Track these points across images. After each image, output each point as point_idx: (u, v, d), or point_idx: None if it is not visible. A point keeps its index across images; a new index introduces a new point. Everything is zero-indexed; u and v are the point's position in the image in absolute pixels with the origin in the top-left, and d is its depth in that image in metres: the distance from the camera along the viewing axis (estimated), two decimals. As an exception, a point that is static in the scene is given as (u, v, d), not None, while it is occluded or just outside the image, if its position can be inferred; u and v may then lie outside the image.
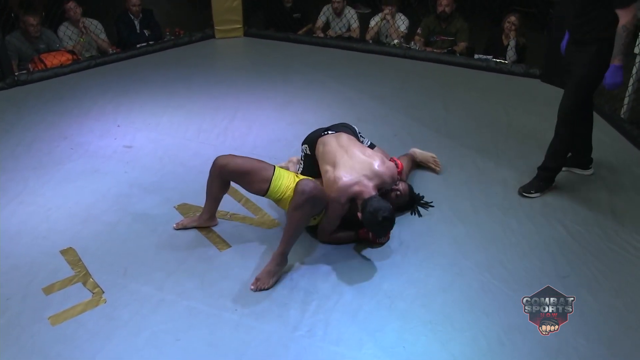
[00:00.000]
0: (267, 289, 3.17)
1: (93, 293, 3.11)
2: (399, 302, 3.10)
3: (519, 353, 2.80)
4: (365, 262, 3.41)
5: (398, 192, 3.70)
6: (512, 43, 6.34)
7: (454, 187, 4.15)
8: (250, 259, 3.39)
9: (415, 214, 3.83)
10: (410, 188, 3.83)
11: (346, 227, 3.55)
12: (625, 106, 5.12)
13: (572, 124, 3.90)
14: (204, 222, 3.63)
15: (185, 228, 3.63)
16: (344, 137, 3.63)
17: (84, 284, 3.18)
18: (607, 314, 3.04)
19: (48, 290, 3.14)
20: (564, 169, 4.27)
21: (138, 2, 6.77)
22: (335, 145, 3.55)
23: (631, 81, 5.04)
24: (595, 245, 3.57)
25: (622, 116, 5.11)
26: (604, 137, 4.88)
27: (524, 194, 4.06)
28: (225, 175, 3.48)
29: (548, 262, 3.42)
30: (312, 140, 3.71)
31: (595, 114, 5.15)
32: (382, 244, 3.57)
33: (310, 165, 3.69)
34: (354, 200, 3.37)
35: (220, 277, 3.25)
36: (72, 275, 3.24)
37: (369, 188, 3.34)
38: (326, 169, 3.46)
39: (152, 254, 3.42)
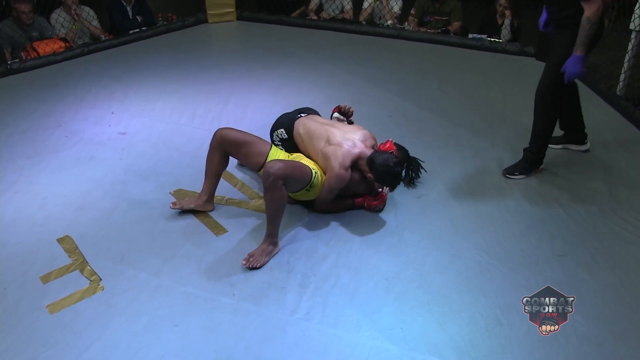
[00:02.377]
0: (258, 268, 3.19)
1: (90, 280, 3.10)
2: (396, 283, 3.11)
3: (516, 333, 2.80)
4: (362, 244, 3.41)
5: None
6: (507, 22, 6.32)
7: (450, 167, 4.15)
8: (247, 244, 3.38)
9: (412, 184, 3.84)
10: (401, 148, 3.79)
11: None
12: (621, 83, 5.10)
13: (549, 104, 3.89)
14: (202, 204, 3.62)
15: (182, 209, 3.62)
16: (319, 117, 3.82)
17: (82, 271, 3.17)
18: (605, 292, 3.05)
19: (45, 278, 3.13)
20: (560, 146, 4.30)
21: (130, -12, 6.73)
22: (318, 124, 3.69)
23: (627, 58, 5.03)
24: (592, 223, 3.57)
25: (618, 93, 5.10)
26: (600, 115, 4.89)
27: (507, 175, 4.06)
28: (225, 146, 3.53)
29: (545, 241, 3.42)
30: (288, 124, 3.78)
31: (591, 91, 5.20)
32: (378, 210, 3.65)
33: (289, 148, 3.78)
34: (356, 163, 3.54)
35: (217, 262, 3.24)
36: (69, 263, 3.23)
37: (367, 148, 3.56)
38: (320, 144, 3.57)
39: (148, 240, 3.41)
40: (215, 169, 3.59)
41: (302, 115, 3.84)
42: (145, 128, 4.70)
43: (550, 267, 3.20)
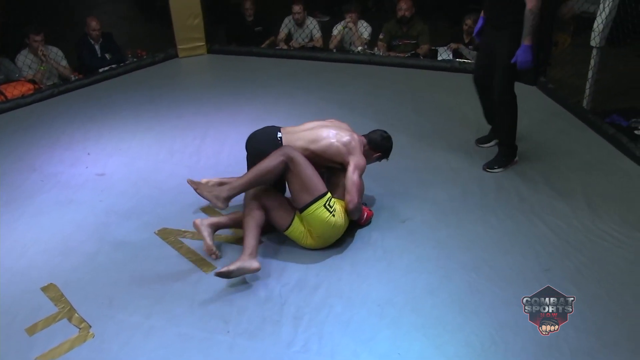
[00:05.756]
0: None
1: (80, 328, 3.05)
2: (389, 308, 3.12)
3: (512, 350, 2.84)
4: (352, 272, 3.42)
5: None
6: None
7: (432, 189, 4.20)
8: (236, 279, 3.36)
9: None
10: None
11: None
12: (586, 98, 5.22)
13: (508, 103, 4.27)
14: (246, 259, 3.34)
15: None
16: (295, 127, 3.81)
17: (69, 319, 3.11)
18: (592, 304, 3.10)
19: (31, 330, 3.06)
20: (492, 143, 4.70)
21: (98, 26, 6.68)
22: (306, 130, 3.75)
23: (590, 73, 5.15)
24: (575, 237, 3.64)
25: (585, 107, 5.21)
26: (571, 129, 5.03)
27: (488, 169, 4.38)
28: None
29: (530, 257, 3.47)
30: (275, 145, 3.60)
31: (560, 107, 5.31)
32: (368, 223, 3.82)
33: None
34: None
35: (208, 299, 3.22)
36: (55, 312, 3.17)
37: (356, 134, 3.80)
38: (327, 142, 3.66)
39: (136, 282, 3.38)
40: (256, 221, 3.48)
41: (278, 132, 3.71)
42: (123, 167, 4.66)
43: (539, 282, 3.23)
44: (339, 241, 3.62)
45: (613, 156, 4.59)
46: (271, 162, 3.42)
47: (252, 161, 3.69)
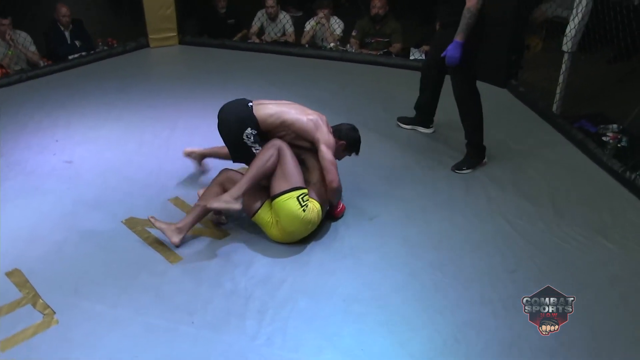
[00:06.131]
0: (209, 209, 3.47)
1: (44, 314, 3.02)
2: (355, 305, 3.14)
3: (474, 349, 2.88)
4: (319, 268, 3.43)
5: None
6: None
7: (401, 187, 4.23)
8: (203, 271, 3.36)
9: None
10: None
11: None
12: (556, 102, 5.30)
13: (469, 100, 4.37)
14: (174, 231, 3.55)
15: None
16: (267, 100, 3.87)
17: (34, 305, 3.08)
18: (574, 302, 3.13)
19: (-5, 314, 3.03)
20: (409, 127, 4.96)
21: (68, 12, 6.58)
22: (276, 103, 3.81)
23: (561, 78, 5.22)
24: (539, 238, 3.70)
25: (555, 112, 5.29)
26: (540, 132, 5.11)
27: (456, 171, 4.43)
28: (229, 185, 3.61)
29: (496, 257, 3.52)
30: (250, 118, 3.66)
31: (530, 111, 5.39)
32: (341, 216, 3.86)
33: (265, 138, 3.69)
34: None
35: (174, 291, 3.21)
36: (20, 298, 3.13)
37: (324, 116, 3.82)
38: (295, 116, 3.70)
39: (102, 272, 3.35)
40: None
41: (251, 103, 3.76)
42: (91, 156, 4.61)
43: (503, 283, 3.29)
44: (306, 237, 3.63)
45: (580, 161, 4.67)
46: (265, 154, 3.50)
47: (223, 130, 3.74)
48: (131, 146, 4.78)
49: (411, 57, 6.63)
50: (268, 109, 3.70)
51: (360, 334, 2.96)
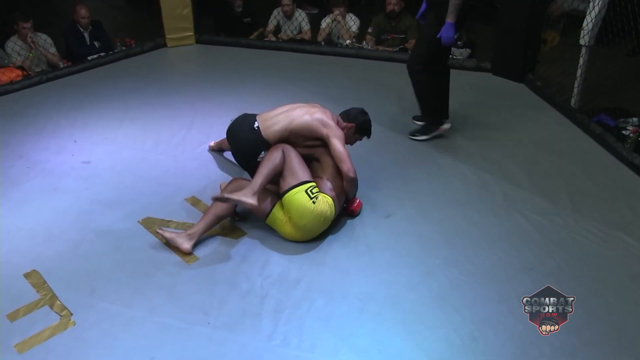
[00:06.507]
0: (223, 201, 3.48)
1: (61, 316, 3.05)
2: (370, 304, 3.13)
3: (491, 347, 2.86)
4: (334, 267, 3.43)
5: None
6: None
7: (416, 184, 4.21)
8: (219, 271, 3.37)
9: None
10: None
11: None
12: (574, 97, 5.23)
13: (417, 72, 4.54)
14: (184, 239, 3.54)
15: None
16: (265, 114, 3.90)
17: (51, 306, 3.11)
18: (574, 302, 3.10)
19: (13, 316, 3.06)
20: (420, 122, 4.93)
21: (87, 14, 6.64)
22: (280, 114, 3.82)
23: (579, 72, 5.16)
24: (557, 234, 3.66)
25: (573, 106, 5.23)
26: (557, 127, 5.04)
27: (411, 137, 4.76)
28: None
29: (512, 254, 3.49)
30: (259, 140, 3.77)
31: (548, 105, 5.33)
32: (358, 213, 3.86)
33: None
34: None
35: (189, 290, 3.23)
36: (37, 299, 3.16)
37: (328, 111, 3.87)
38: (301, 120, 3.75)
39: (118, 271, 3.37)
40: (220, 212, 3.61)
41: (255, 120, 3.84)
42: (109, 156, 4.64)
43: (520, 280, 3.27)
44: (322, 235, 3.63)
45: (599, 155, 4.61)
46: (272, 154, 3.55)
47: (237, 157, 4.00)
48: (148, 146, 4.80)
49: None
50: (274, 124, 3.77)
51: (377, 333, 2.95)
